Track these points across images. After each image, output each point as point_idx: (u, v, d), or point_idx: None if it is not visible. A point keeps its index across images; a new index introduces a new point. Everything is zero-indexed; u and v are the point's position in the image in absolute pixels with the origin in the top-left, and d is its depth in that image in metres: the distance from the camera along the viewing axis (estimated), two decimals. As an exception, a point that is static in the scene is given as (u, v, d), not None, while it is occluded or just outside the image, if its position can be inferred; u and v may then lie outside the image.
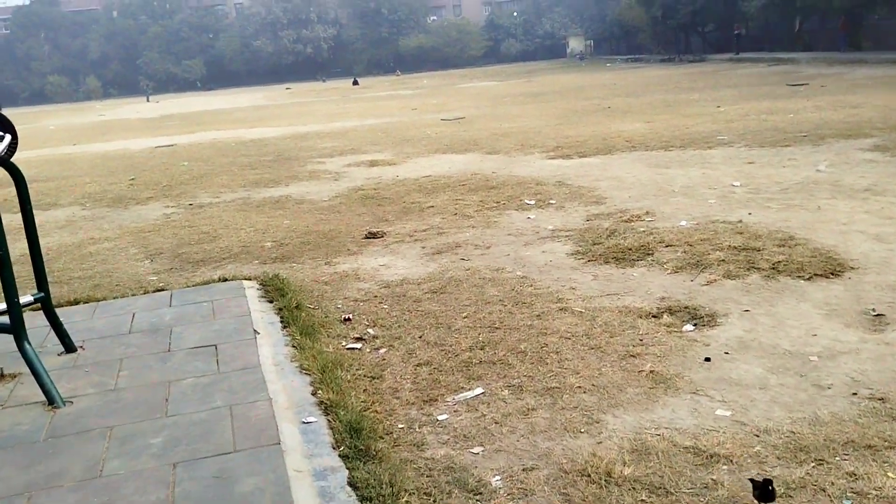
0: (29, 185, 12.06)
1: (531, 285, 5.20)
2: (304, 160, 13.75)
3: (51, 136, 27.64)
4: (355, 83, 59.89)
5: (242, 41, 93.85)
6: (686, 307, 4.57)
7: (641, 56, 62.00)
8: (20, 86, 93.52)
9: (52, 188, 12.54)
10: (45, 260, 7.39)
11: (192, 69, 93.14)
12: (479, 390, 3.64)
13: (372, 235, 7.09)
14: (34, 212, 9.33)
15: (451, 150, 13.24)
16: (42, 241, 8.35)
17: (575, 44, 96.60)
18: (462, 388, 3.69)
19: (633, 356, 3.91)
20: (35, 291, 4.15)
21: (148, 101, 63.34)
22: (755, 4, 39.01)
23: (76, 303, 5.39)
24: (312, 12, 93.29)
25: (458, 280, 5.40)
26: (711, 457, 2.91)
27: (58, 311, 4.88)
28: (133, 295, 5.52)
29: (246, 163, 13.98)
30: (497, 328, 4.43)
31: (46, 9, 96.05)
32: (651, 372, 3.71)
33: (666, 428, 3.17)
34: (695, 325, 4.31)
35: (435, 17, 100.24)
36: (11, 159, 3.86)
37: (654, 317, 4.47)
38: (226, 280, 5.62)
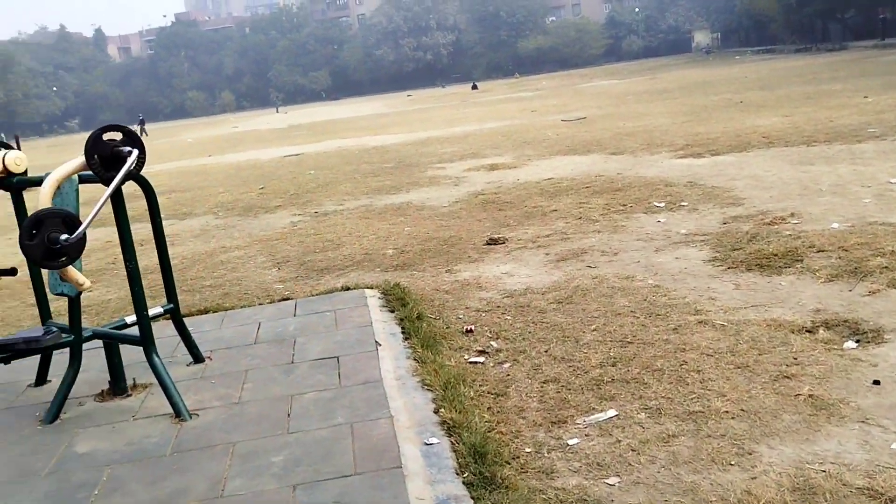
0: (168, 196, 12.75)
1: (665, 295, 4.84)
2: (424, 166, 13.78)
3: (188, 148, 29.32)
4: (474, 87, 60.17)
5: (365, 51, 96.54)
6: (845, 321, 4.08)
7: (774, 47, 58.71)
8: (163, 102, 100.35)
9: (189, 198, 13.17)
10: (179, 268, 7.72)
11: (318, 80, 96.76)
12: (612, 412, 3.36)
13: (493, 242, 6.90)
14: (171, 221, 9.80)
15: (573, 152, 12.87)
16: (177, 250, 8.76)
17: (701, 37, 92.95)
18: (593, 409, 3.42)
19: (788, 377, 3.50)
20: (165, 303, 4.22)
21: (277, 112, 66.25)
22: (904, -15, 35.93)
23: (206, 312, 5.51)
24: (432, 19, 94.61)
25: (585, 289, 5.12)
26: (891, 501, 2.51)
27: (188, 319, 4.99)
28: (260, 304, 5.59)
29: (369, 170, 14.17)
30: (629, 343, 4.12)
31: (186, 29, 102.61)
32: (810, 396, 3.30)
33: (832, 463, 2.78)
34: (857, 341, 3.83)
35: (554, 18, 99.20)
36: (141, 172, 3.92)
37: (808, 332, 4.02)
38: (348, 289, 5.59)
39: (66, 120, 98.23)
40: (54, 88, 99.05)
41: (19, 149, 5.10)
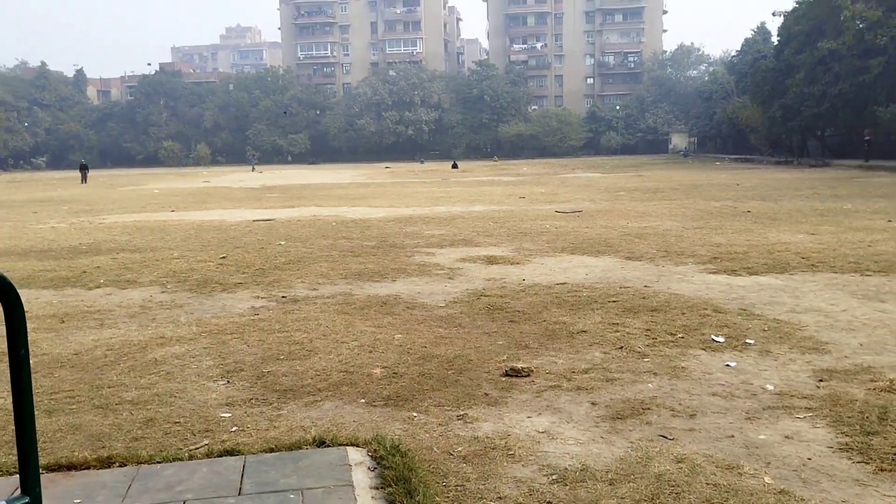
0: (114, 255, 10.83)
1: (798, 508, 3.24)
2: (410, 249, 12.24)
3: (153, 199, 27.53)
4: (455, 166, 59.58)
5: (347, 119, 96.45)
6: None
7: (752, 157, 59.39)
8: (137, 148, 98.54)
9: (138, 261, 11.40)
10: (98, 365, 5.91)
11: (297, 142, 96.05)
12: None
13: (514, 373, 5.28)
14: (109, 290, 7.95)
15: (581, 251, 11.44)
16: (104, 335, 6.94)
17: (678, 140, 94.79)
18: None
19: None
20: (17, 496, 2.46)
21: (253, 170, 64.82)
22: (892, 111, 36.27)
23: (109, 463, 3.74)
24: (416, 95, 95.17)
25: (674, 485, 3.49)
26: None
27: (82, 473, 3.26)
28: (190, 457, 3.84)
29: (347, 247, 12.58)
30: None
31: (169, 79, 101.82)
32: None
33: None
34: None
35: (536, 107, 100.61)
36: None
37: None
38: (323, 443, 3.88)
39: (33, 156, 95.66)
40: (25, 124, 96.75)
41: None
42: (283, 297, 8.48)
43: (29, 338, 6.23)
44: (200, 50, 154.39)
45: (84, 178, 46.95)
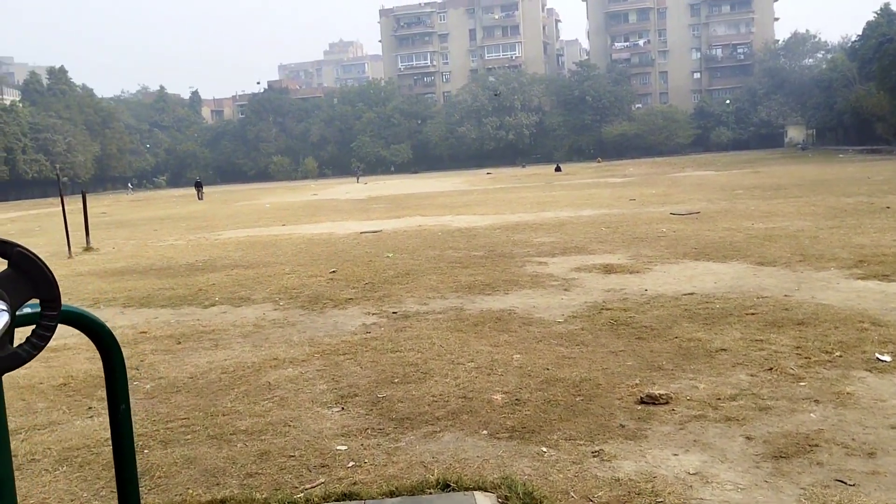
0: (229, 272, 10.92)
1: None
2: (520, 258, 11.81)
3: (264, 214, 28.29)
4: (558, 169, 58.69)
5: (448, 127, 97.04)
6: None
7: (880, 147, 55.38)
8: (248, 164, 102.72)
9: (251, 277, 11.51)
10: (213, 389, 5.82)
11: (400, 153, 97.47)
12: None
13: (651, 400, 4.76)
14: (224, 308, 7.93)
15: (705, 256, 10.68)
16: (218, 357, 6.87)
17: (794, 133, 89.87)
18: None
19: None
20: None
21: (358, 181, 66.10)
22: None
23: (222, 505, 3.52)
24: (517, 100, 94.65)
25: (869, 547, 2.91)
26: None
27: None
28: (307, 501, 3.56)
29: (455, 258, 12.29)
30: None
31: (277, 96, 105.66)
32: None
33: None
34: None
35: (640, 105, 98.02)
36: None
37: None
38: (448, 487, 3.52)
39: (155, 175, 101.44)
40: (147, 145, 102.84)
41: None
42: (393, 312, 8.24)
43: (148, 360, 6.18)
44: (305, 66, 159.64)
45: (199, 195, 49.09)
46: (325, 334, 7.41)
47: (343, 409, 5.10)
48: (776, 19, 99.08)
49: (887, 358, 5.32)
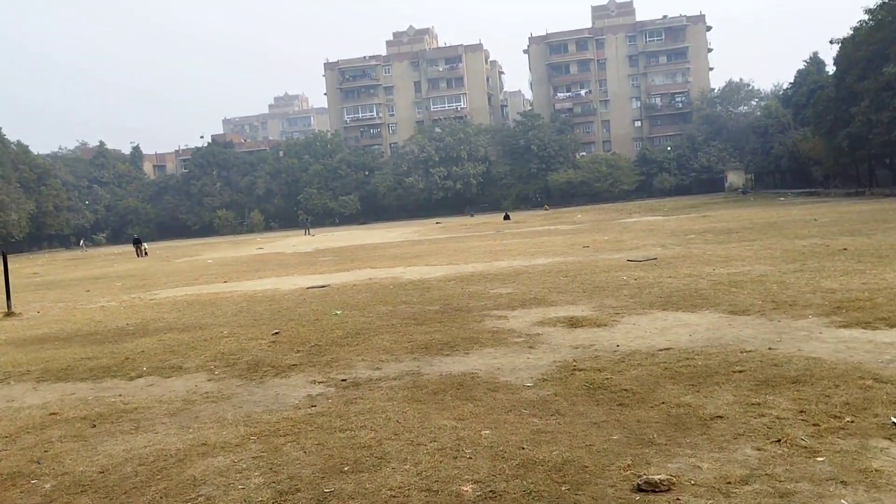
0: (161, 336, 9.84)
1: None
2: (478, 312, 11.08)
3: (206, 270, 27.06)
4: (507, 217, 58.62)
5: (396, 178, 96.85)
6: None
7: (817, 190, 56.96)
8: (193, 219, 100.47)
9: (185, 342, 10.49)
10: (128, 485, 4.88)
11: (348, 204, 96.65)
12: None
13: (650, 487, 4.02)
14: (151, 380, 6.99)
15: (673, 306, 10.11)
16: (138, 442, 5.89)
17: (734, 178, 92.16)
18: None
19: None
20: None
21: (306, 233, 64.95)
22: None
23: None
24: (463, 150, 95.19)
25: None
26: None
27: None
28: None
29: (409, 313, 11.49)
30: None
31: (221, 150, 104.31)
32: None
33: None
34: None
35: (584, 153, 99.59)
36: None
37: None
38: None
39: (94, 233, 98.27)
40: (86, 202, 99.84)
41: None
42: (342, 380, 7.39)
43: (54, 449, 5.09)
44: (250, 120, 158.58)
45: (138, 252, 47.30)
46: (263, 409, 6.50)
47: (282, 510, 4.22)
48: (711, 69, 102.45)
49: (904, 422, 4.70)
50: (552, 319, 9.92)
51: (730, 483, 4.02)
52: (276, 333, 10.58)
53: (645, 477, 4.11)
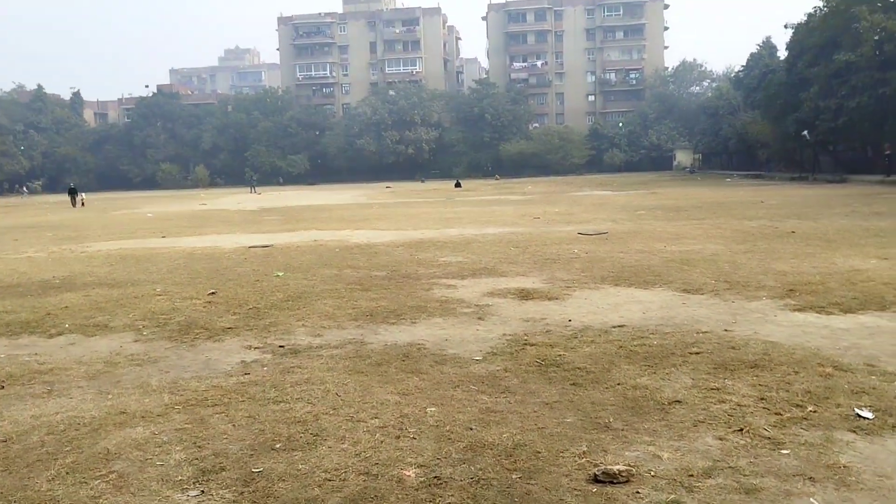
0: (88, 292, 9.14)
1: None
2: (426, 280, 10.71)
3: (144, 224, 26.02)
4: (458, 185, 58.19)
5: (347, 139, 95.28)
6: None
7: (763, 173, 58.01)
8: (134, 171, 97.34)
9: (114, 299, 9.85)
10: (32, 457, 4.36)
11: (297, 163, 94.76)
12: None
13: (608, 478, 3.72)
14: (72, 338, 6.55)
15: (625, 282, 9.91)
16: (51, 406, 5.23)
17: (682, 157, 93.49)
18: None
19: None
20: None
21: (252, 191, 63.44)
22: (915, 122, 34.90)
23: None
24: (416, 114, 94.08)
25: None
26: None
27: None
28: None
29: (354, 278, 11.05)
30: None
31: (167, 101, 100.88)
32: None
33: None
34: None
35: (537, 125, 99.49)
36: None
37: None
38: None
39: (30, 180, 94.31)
40: (22, 147, 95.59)
41: None
42: (280, 346, 6.94)
43: None
44: (199, 72, 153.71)
45: (74, 202, 45.45)
46: (192, 376, 6.03)
47: (203, 492, 3.80)
48: (666, 47, 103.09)
49: (868, 414, 4.51)
50: (502, 290, 9.61)
51: (692, 476, 3.75)
52: (213, 293, 10.02)
53: (602, 467, 3.81)
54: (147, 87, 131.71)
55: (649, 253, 12.71)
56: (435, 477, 3.84)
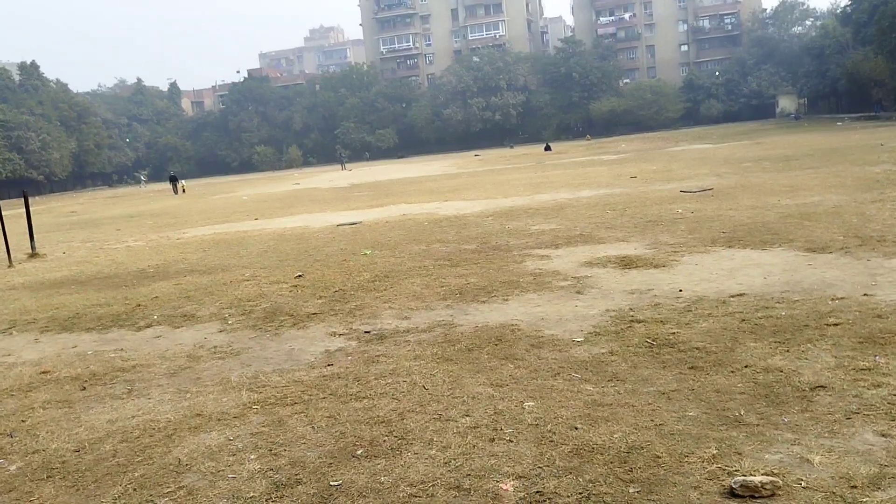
0: (178, 280, 8.86)
1: None
2: (518, 251, 10.09)
3: (240, 207, 26.42)
4: (548, 149, 56.87)
5: (433, 110, 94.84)
6: None
7: (878, 114, 53.79)
8: (231, 155, 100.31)
9: (203, 286, 9.73)
10: (102, 471, 4.04)
11: (385, 137, 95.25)
12: None
13: (748, 492, 3.05)
14: (159, 331, 6.37)
15: (739, 242, 8.98)
16: (129, 409, 5.07)
17: (786, 102, 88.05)
18: None
19: None
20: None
21: (343, 168, 64.13)
22: None
23: None
24: (502, 79, 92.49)
25: None
26: None
27: None
28: None
29: (443, 253, 10.56)
30: None
31: (258, 84, 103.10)
32: None
33: None
34: None
35: (628, 80, 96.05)
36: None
37: None
38: None
39: (136, 170, 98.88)
40: (127, 139, 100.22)
41: None
42: (366, 332, 6.52)
43: (32, 419, 4.16)
44: (286, 54, 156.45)
45: (175, 190, 47.01)
46: (273, 369, 5.68)
47: (276, 512, 3.38)
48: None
49: None
50: (602, 259, 8.88)
51: (855, 487, 3.04)
52: (300, 276, 9.75)
53: (740, 478, 3.14)
54: (238, 72, 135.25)
55: (763, 209, 11.62)
56: (537, 492, 3.28)
